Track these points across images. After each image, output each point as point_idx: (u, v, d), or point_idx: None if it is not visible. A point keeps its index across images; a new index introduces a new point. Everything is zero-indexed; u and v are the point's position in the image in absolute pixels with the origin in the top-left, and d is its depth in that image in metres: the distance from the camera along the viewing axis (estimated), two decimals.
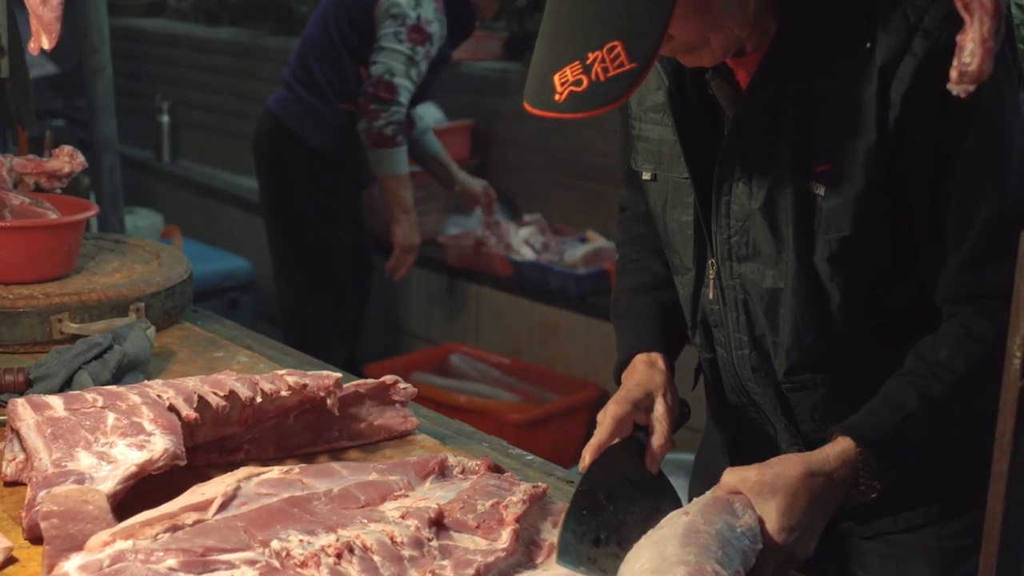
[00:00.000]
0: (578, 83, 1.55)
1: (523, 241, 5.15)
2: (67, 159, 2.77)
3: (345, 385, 1.97)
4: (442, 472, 1.78)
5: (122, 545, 1.49)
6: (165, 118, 7.95)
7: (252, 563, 1.49)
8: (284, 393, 1.87)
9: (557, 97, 1.57)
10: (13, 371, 2.08)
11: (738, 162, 1.75)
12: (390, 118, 4.57)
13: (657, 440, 1.80)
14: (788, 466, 1.63)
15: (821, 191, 1.68)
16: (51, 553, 1.51)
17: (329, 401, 1.91)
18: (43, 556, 1.52)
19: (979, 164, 1.63)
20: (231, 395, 1.84)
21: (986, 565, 1.35)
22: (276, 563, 1.49)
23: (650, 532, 1.52)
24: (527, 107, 1.65)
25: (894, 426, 1.66)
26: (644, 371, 1.89)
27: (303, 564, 1.49)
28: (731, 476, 1.63)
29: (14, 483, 1.79)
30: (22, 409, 1.77)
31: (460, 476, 1.78)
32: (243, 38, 7.74)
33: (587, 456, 1.74)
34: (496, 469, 1.80)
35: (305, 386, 1.89)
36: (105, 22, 5.60)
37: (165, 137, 7.97)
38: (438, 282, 5.70)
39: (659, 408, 1.83)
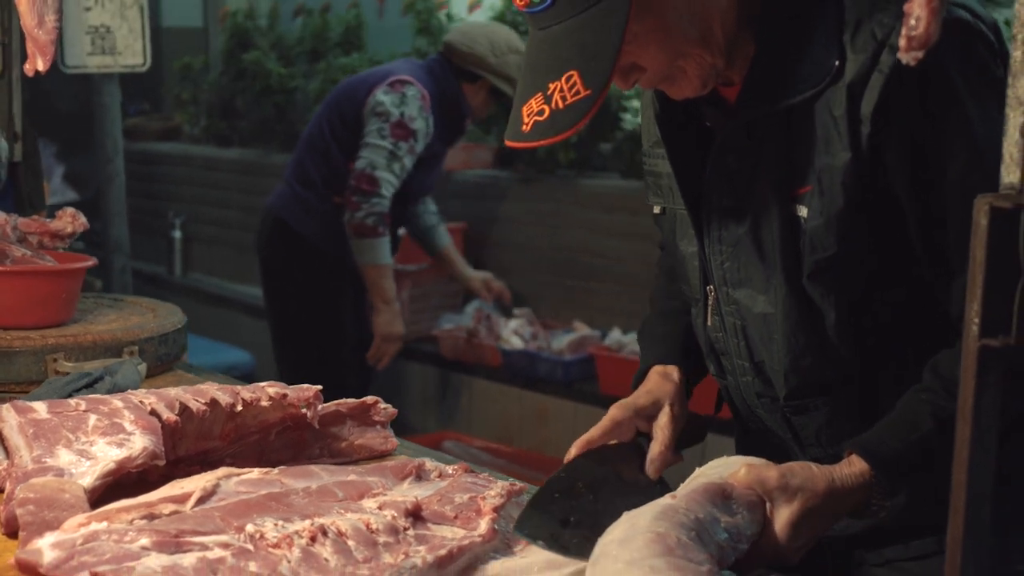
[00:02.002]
0: (541, 112, 1.56)
1: (513, 332, 5.10)
2: (69, 220, 2.73)
3: (326, 404, 1.89)
4: (419, 476, 1.70)
5: (97, 526, 1.41)
6: (177, 233, 7.96)
7: (226, 546, 1.40)
8: (265, 403, 1.80)
9: (524, 128, 1.58)
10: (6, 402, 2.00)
11: (725, 187, 1.69)
12: (371, 209, 4.52)
13: (656, 447, 1.72)
14: (812, 479, 1.53)
15: (804, 213, 1.61)
16: (25, 536, 1.42)
17: (309, 413, 1.83)
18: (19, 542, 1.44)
19: (973, 183, 1.55)
20: (212, 403, 1.76)
21: (953, 536, 1.27)
22: (249, 546, 1.41)
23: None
24: (506, 143, 1.63)
25: (908, 446, 1.56)
26: (656, 381, 1.82)
27: (276, 545, 1.40)
28: (749, 473, 1.52)
29: None
30: (6, 412, 1.70)
31: (437, 479, 1.69)
32: (251, 157, 7.78)
33: (573, 449, 1.68)
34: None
35: (285, 396, 1.82)
36: (119, 134, 5.63)
37: (177, 252, 7.97)
38: (433, 375, 5.62)
39: (663, 417, 1.75)
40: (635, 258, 5.08)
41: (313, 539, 1.42)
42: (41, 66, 1.73)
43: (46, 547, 1.36)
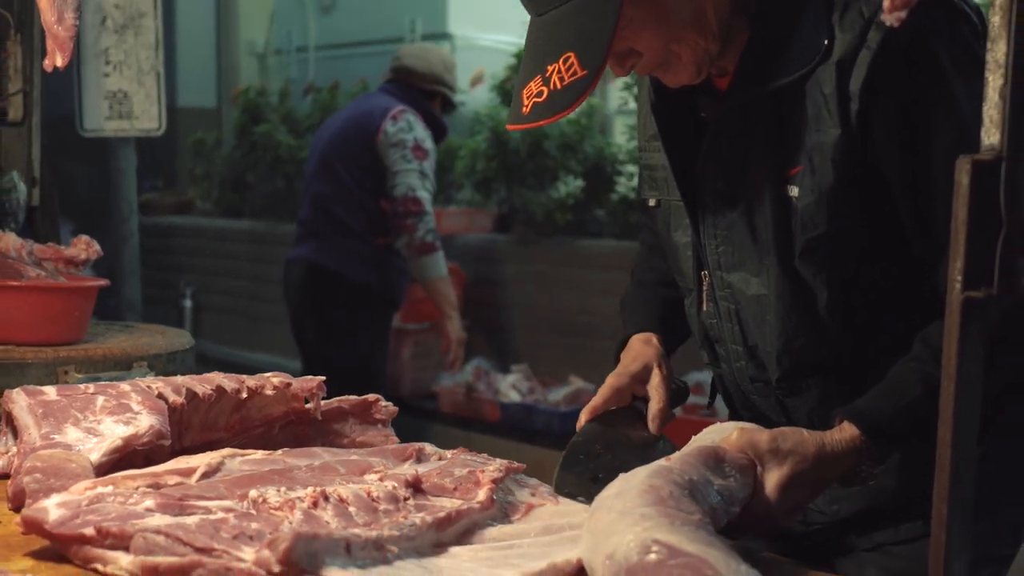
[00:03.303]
0: (540, 94, 1.56)
1: (511, 386, 5.07)
2: (84, 247, 2.72)
3: (329, 400, 1.87)
4: (419, 458, 1.67)
5: (102, 490, 1.39)
6: (188, 303, 7.96)
7: (229, 510, 1.38)
8: (269, 392, 1.78)
9: (524, 110, 1.58)
10: None
11: (719, 172, 1.69)
12: (427, 227, 4.68)
13: (655, 405, 1.74)
14: (803, 444, 1.52)
15: (795, 193, 1.60)
16: (31, 503, 1.39)
17: (311, 405, 1.81)
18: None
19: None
20: (218, 389, 1.74)
21: (939, 494, 1.25)
22: (252, 510, 1.38)
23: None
24: (507, 127, 1.64)
25: (897, 412, 1.54)
26: (639, 347, 1.83)
27: (278, 508, 1.38)
28: (741, 437, 1.50)
29: (5, 476, 1.68)
30: (16, 394, 1.68)
31: (437, 461, 1.67)
32: (261, 227, 7.81)
33: (583, 416, 1.71)
34: None
35: (289, 385, 1.79)
36: (134, 196, 5.65)
37: (187, 320, 7.95)
38: (433, 430, 5.58)
39: (655, 379, 1.77)
40: None
41: (315, 504, 1.39)
42: (60, 62, 1.74)
43: (52, 506, 1.33)
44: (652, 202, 1.85)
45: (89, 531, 1.28)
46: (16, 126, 3.49)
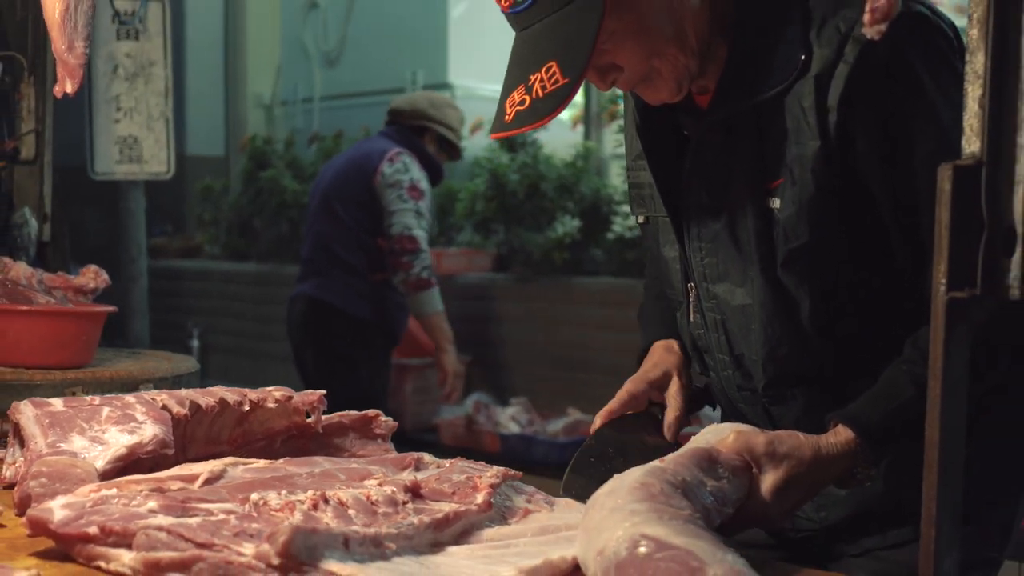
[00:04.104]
0: (522, 103, 1.56)
1: (510, 418, 5.05)
2: (92, 276, 2.72)
3: (329, 415, 1.87)
4: (418, 467, 1.66)
5: (106, 492, 1.38)
6: (196, 343, 7.94)
7: (230, 512, 1.36)
8: (271, 405, 1.77)
9: (506, 118, 1.58)
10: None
11: (702, 186, 1.68)
12: (422, 264, 4.72)
13: (671, 413, 1.73)
14: (799, 447, 1.50)
15: (777, 204, 1.60)
16: (37, 503, 1.38)
17: (312, 418, 1.80)
18: None
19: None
20: (221, 401, 1.73)
21: (928, 493, 1.24)
22: (253, 512, 1.37)
23: None
24: (491, 136, 1.64)
25: (889, 413, 1.53)
26: (661, 354, 1.82)
27: (279, 510, 1.36)
28: (738, 439, 1.49)
29: (12, 486, 1.67)
30: (24, 406, 1.67)
31: (436, 469, 1.66)
32: (267, 270, 7.82)
33: (598, 420, 1.69)
34: None
35: (290, 398, 1.79)
36: (143, 237, 5.68)
37: (195, 359, 7.92)
38: None
39: (673, 386, 1.76)
40: (626, 349, 5.05)
41: (315, 506, 1.38)
42: (69, 88, 1.75)
43: (57, 507, 1.33)
44: (641, 219, 1.85)
45: (93, 530, 1.27)
46: (28, 164, 3.50)
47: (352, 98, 8.86)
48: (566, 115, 7.42)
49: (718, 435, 1.50)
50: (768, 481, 1.47)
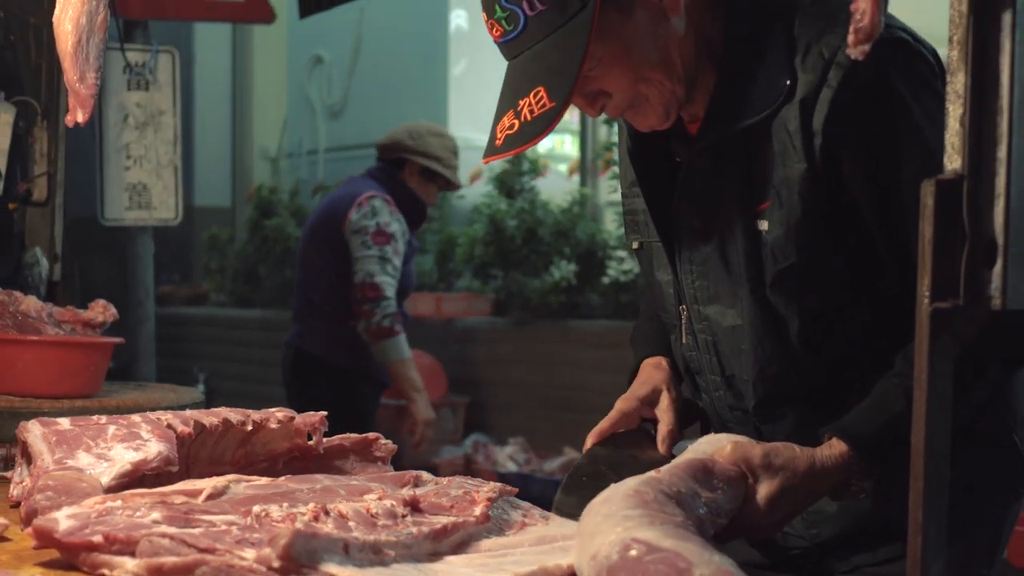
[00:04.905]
0: (511, 127, 1.58)
1: (508, 457, 5.03)
2: (101, 310, 2.72)
3: (330, 437, 1.86)
4: (417, 484, 1.65)
5: (111, 504, 1.37)
6: (201, 387, 7.92)
7: (232, 523, 1.36)
8: (273, 425, 1.77)
9: (497, 142, 1.59)
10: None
11: (693, 210, 1.69)
12: (383, 312, 4.53)
13: (663, 428, 1.71)
14: (795, 460, 1.50)
15: (765, 227, 1.61)
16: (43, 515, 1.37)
17: (314, 439, 1.80)
18: None
19: None
20: (225, 421, 1.73)
21: (914, 502, 1.24)
22: (255, 524, 1.36)
23: None
24: (483, 161, 1.65)
25: (882, 425, 1.52)
26: (649, 372, 1.81)
27: (280, 521, 1.35)
28: (735, 450, 1.48)
29: (19, 504, 1.66)
30: (31, 425, 1.67)
31: (434, 485, 1.65)
32: (271, 316, 7.82)
33: (589, 440, 1.67)
34: None
35: (292, 419, 1.78)
36: (151, 281, 5.68)
37: (201, 404, 7.91)
38: None
39: (664, 401, 1.75)
40: (620, 389, 5.04)
41: (316, 518, 1.37)
42: (81, 118, 1.76)
43: (62, 517, 1.32)
44: (635, 245, 1.85)
45: (97, 538, 1.26)
46: (40, 206, 3.52)
47: (356, 150, 8.89)
48: (563, 164, 7.47)
49: (714, 445, 1.50)
50: (763, 491, 1.46)
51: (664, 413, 1.74)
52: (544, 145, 7.89)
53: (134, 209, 5.35)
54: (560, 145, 8.53)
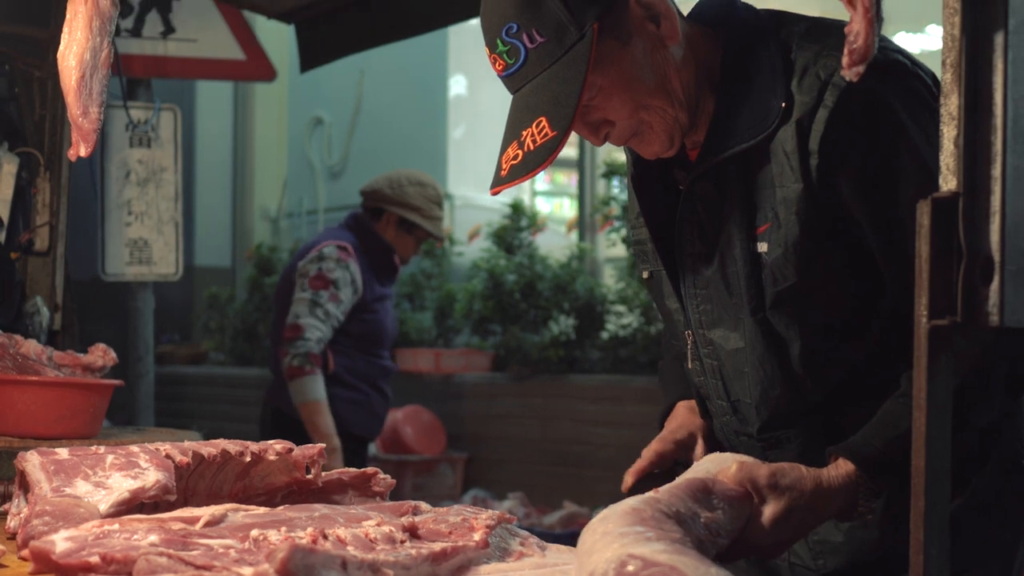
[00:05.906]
0: (515, 157, 1.60)
1: (507, 512, 4.98)
2: (101, 354, 2.72)
3: (328, 472, 1.85)
4: (415, 513, 1.64)
5: (109, 527, 1.36)
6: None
7: (230, 547, 1.34)
8: (272, 457, 1.75)
9: (502, 173, 1.60)
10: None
11: (695, 234, 1.70)
12: (296, 351, 4.43)
13: None
14: (801, 480, 1.50)
15: (764, 248, 1.61)
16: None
17: (312, 472, 1.78)
18: None
19: None
20: (223, 452, 1.72)
21: (915, 521, 1.23)
22: (254, 548, 1.35)
23: None
24: (490, 192, 1.66)
25: (888, 445, 1.52)
26: (685, 415, 1.83)
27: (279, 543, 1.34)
28: (740, 471, 1.48)
29: (15, 536, 1.64)
30: (30, 455, 1.65)
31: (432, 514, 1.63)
32: (269, 374, 7.78)
33: (628, 478, 1.70)
34: None
35: (291, 451, 1.77)
36: (150, 336, 5.66)
37: None
38: None
39: (699, 448, 1.77)
40: (621, 444, 5.03)
41: (314, 541, 1.36)
42: (83, 152, 1.77)
43: (59, 539, 1.31)
44: (645, 274, 1.86)
45: (94, 559, 1.26)
46: (42, 255, 3.53)
47: (356, 208, 8.93)
48: (562, 222, 7.50)
49: (719, 464, 1.49)
50: (769, 512, 1.45)
51: (699, 460, 1.73)
52: (543, 209, 7.94)
53: (135, 264, 5.36)
54: (559, 208, 8.57)
